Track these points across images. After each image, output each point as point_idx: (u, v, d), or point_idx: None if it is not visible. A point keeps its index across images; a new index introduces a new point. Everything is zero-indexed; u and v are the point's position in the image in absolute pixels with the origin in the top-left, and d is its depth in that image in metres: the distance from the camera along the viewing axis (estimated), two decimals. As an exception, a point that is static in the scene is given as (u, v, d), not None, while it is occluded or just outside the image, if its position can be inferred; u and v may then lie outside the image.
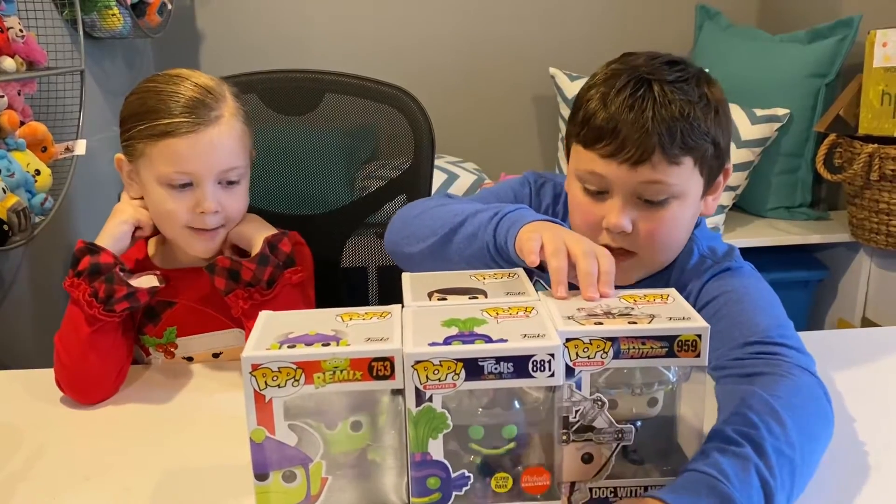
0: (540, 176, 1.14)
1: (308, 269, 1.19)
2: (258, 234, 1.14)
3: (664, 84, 0.93)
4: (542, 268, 0.86)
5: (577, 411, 0.73)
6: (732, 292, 0.94)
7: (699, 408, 0.76)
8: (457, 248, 0.97)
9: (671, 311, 0.75)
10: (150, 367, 1.19)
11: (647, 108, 0.91)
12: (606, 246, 0.96)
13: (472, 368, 0.67)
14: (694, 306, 0.96)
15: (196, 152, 1.07)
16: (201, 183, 1.09)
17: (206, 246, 1.13)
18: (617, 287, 0.94)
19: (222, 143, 1.09)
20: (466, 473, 0.71)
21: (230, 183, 1.12)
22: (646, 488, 0.75)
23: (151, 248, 1.22)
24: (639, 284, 1.03)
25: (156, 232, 1.18)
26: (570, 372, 0.71)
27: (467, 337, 0.69)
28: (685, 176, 0.94)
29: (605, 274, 0.80)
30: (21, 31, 1.65)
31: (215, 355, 1.21)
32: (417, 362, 0.67)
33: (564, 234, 0.85)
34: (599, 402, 0.73)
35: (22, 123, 1.65)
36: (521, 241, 0.87)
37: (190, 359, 1.21)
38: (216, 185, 1.10)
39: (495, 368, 0.67)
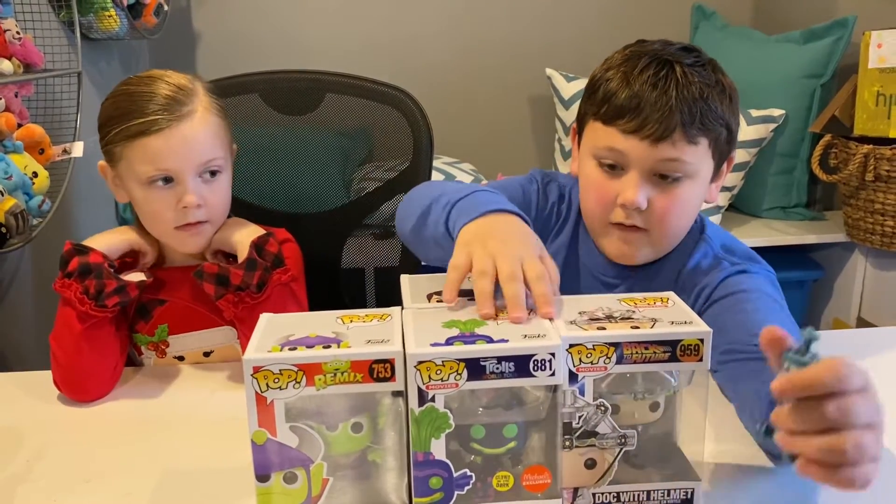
0: (546, 174, 1.15)
1: (297, 266, 1.20)
2: (243, 237, 1.14)
3: (684, 66, 0.96)
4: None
5: (580, 417, 0.73)
6: (752, 291, 0.96)
7: (701, 411, 0.76)
8: (429, 232, 0.97)
9: (672, 315, 0.75)
10: (146, 369, 1.20)
11: (671, 88, 0.94)
12: (619, 223, 0.99)
13: (474, 368, 0.68)
14: (708, 299, 0.98)
15: (171, 148, 1.07)
16: (181, 178, 1.09)
17: (195, 241, 1.14)
18: (625, 266, 0.99)
19: (197, 136, 1.09)
20: (468, 473, 0.71)
21: (212, 175, 1.12)
22: (648, 493, 0.75)
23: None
24: (647, 270, 1.05)
25: (158, 262, 1.19)
26: (573, 377, 0.71)
27: (468, 338, 0.69)
28: (700, 156, 0.97)
29: (540, 296, 0.76)
30: (18, 33, 1.64)
31: (206, 354, 1.21)
32: (420, 363, 0.67)
33: (498, 249, 0.80)
34: (603, 408, 0.73)
35: (19, 126, 1.65)
36: (453, 251, 0.84)
37: (181, 358, 1.21)
38: (197, 180, 1.10)
39: (497, 368, 0.68)
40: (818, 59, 2.32)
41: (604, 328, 0.72)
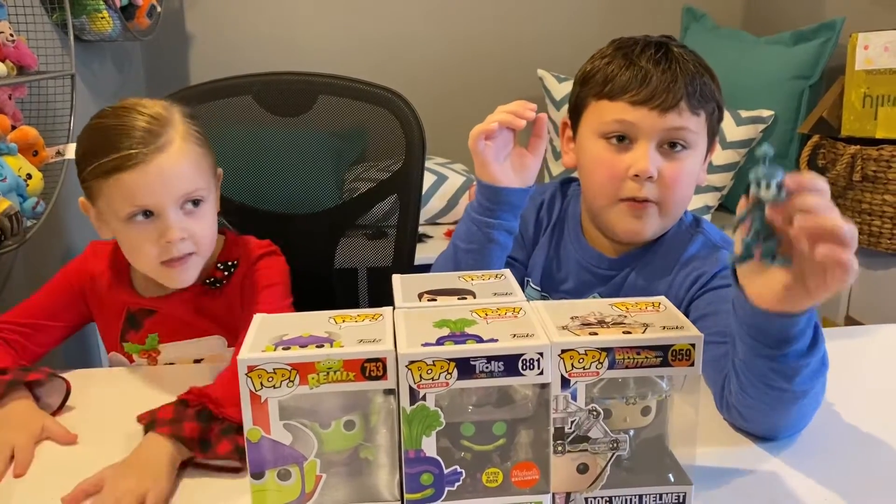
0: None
1: (280, 275, 1.18)
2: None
3: (678, 47, 1.04)
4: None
5: (572, 422, 0.73)
6: None
7: (692, 416, 0.76)
8: (467, 267, 1.01)
9: (664, 320, 0.75)
10: (141, 371, 1.20)
11: (673, 63, 1.01)
12: (630, 198, 1.02)
13: (465, 367, 0.69)
14: (704, 286, 1.01)
15: (148, 182, 1.03)
16: (162, 212, 1.05)
17: (182, 277, 1.10)
18: (618, 258, 1.02)
19: (174, 168, 1.05)
20: (458, 469, 0.72)
21: (195, 204, 1.08)
22: (640, 498, 0.76)
23: (136, 278, 1.19)
24: (641, 259, 1.07)
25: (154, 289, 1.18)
26: (565, 382, 0.71)
27: (459, 337, 0.71)
28: (700, 127, 1.03)
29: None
30: (11, 35, 1.65)
31: (197, 362, 1.21)
32: (412, 362, 0.68)
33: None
34: (594, 413, 0.73)
35: (13, 128, 1.65)
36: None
37: (172, 364, 1.21)
38: (178, 212, 1.06)
39: (486, 367, 0.69)
40: (806, 60, 2.34)
41: (596, 333, 0.72)
